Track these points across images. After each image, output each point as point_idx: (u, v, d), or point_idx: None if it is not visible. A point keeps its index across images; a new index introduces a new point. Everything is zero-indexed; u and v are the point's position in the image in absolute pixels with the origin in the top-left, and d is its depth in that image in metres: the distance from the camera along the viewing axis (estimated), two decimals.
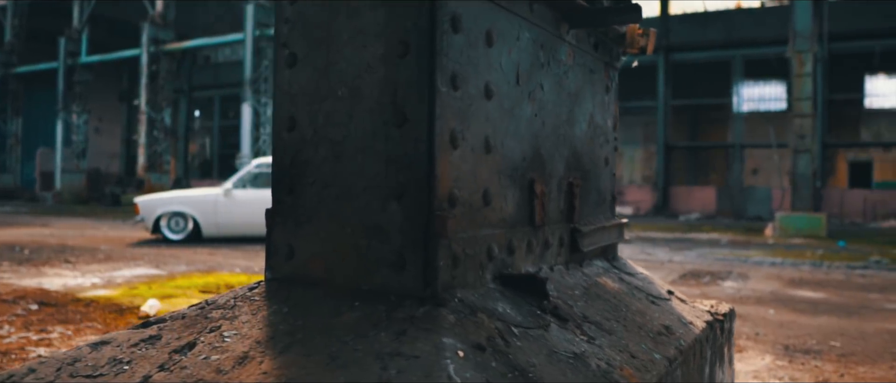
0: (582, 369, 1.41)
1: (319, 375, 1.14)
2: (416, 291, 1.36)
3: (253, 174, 10.50)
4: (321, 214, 1.47)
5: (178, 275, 6.73)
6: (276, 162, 1.54)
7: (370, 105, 1.40)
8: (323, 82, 1.47)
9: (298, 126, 1.51)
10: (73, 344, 3.80)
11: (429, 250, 1.36)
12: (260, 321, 1.38)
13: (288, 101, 1.53)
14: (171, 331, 1.42)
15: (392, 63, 1.39)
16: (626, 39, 2.18)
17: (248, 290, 1.54)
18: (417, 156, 1.36)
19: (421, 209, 1.37)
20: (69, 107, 26.66)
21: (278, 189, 1.53)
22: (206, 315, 1.45)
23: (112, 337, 1.43)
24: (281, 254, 1.54)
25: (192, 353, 1.28)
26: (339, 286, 1.45)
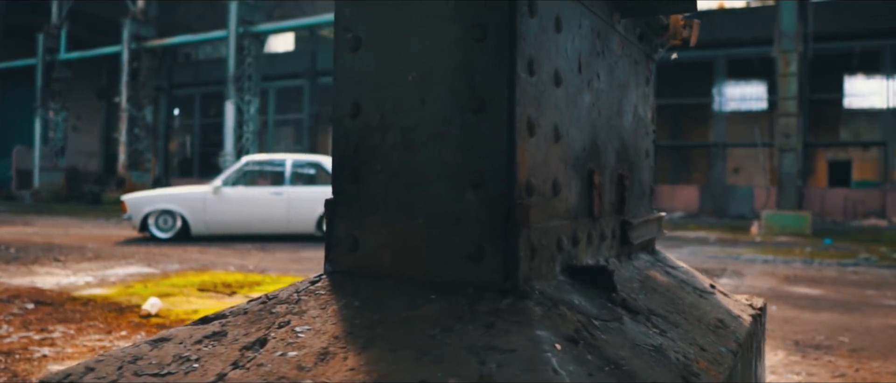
0: (664, 362, 1.37)
1: (412, 371, 1.09)
2: (495, 283, 1.31)
3: (242, 171, 10.37)
4: (389, 204, 1.41)
5: (172, 273, 6.62)
6: (337, 149, 1.48)
7: (444, 90, 1.35)
8: (391, 67, 1.42)
9: (363, 112, 1.45)
10: (77, 344, 3.70)
11: (509, 240, 1.31)
12: (331, 315, 1.32)
13: (351, 87, 1.47)
14: (235, 327, 1.35)
15: (469, 47, 1.33)
16: (669, 30, 2.15)
17: (309, 284, 1.48)
18: (497, 143, 1.31)
19: (501, 198, 1.31)
20: (47, 104, 26.22)
21: (340, 178, 1.47)
22: (270, 310, 1.39)
23: (171, 333, 1.36)
24: (343, 246, 1.48)
25: (266, 350, 1.22)
26: (409, 278, 1.39)
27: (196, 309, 4.76)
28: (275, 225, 10.17)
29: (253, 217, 10.12)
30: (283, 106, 29.55)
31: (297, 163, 10.53)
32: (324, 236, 5.34)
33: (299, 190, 10.25)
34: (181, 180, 25.96)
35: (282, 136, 32.61)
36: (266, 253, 8.63)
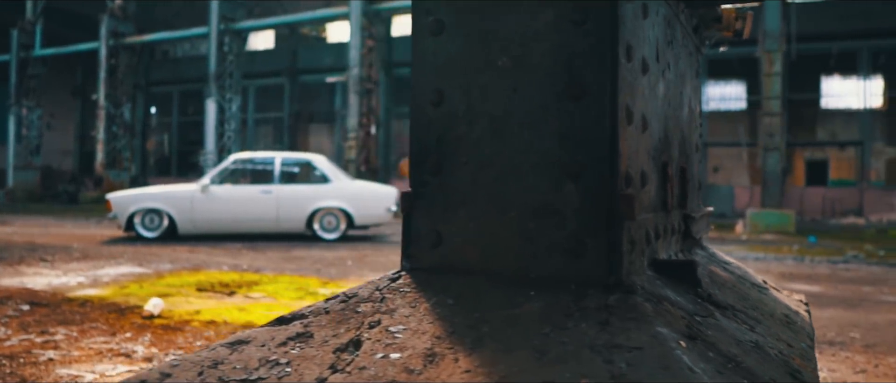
0: (767, 358, 1.31)
1: (535, 371, 1.02)
2: (597, 279, 1.24)
3: (230, 170, 10.21)
4: (477, 197, 1.34)
5: (166, 273, 6.48)
6: (417, 139, 1.40)
7: (539, 77, 1.28)
8: (478, 52, 1.35)
9: (447, 100, 1.38)
10: (82, 346, 3.58)
11: (612, 233, 1.24)
12: (424, 314, 1.25)
13: (433, 73, 1.40)
14: (320, 328, 1.27)
15: (566, 31, 1.27)
16: (723, 21, 2.10)
17: (389, 282, 1.40)
18: (599, 131, 1.25)
19: (602, 189, 1.25)
20: (21, 101, 25.70)
21: (420, 170, 1.40)
22: (353, 309, 1.31)
23: (248, 335, 1.28)
24: (425, 241, 1.40)
25: (364, 352, 1.14)
26: (499, 274, 1.32)
27: (198, 310, 4.64)
28: (264, 224, 10.03)
29: (242, 216, 9.96)
30: (263, 104, 29.26)
31: (287, 161, 10.40)
32: (313, 234, 5.29)
33: (289, 188, 10.12)
34: (159, 179, 25.58)
35: (261, 135, 32.28)
36: (257, 252, 8.50)
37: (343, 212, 10.05)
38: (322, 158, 10.74)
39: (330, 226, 10.07)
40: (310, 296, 5.32)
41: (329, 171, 10.31)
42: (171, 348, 3.53)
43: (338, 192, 10.07)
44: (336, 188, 10.10)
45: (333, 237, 10.05)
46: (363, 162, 17.66)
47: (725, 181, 26.90)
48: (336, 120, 26.65)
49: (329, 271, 6.83)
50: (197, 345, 3.61)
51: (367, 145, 17.94)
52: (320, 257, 8.03)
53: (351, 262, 7.57)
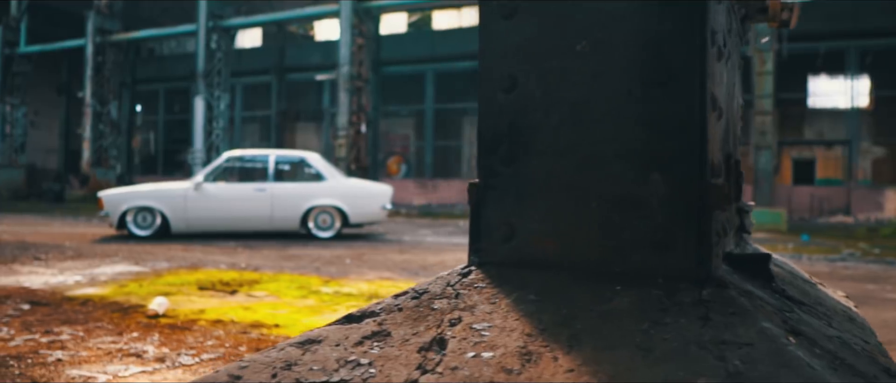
0: (857, 353, 1.26)
1: (644, 371, 0.96)
2: (686, 272, 1.19)
3: (223, 167, 10.09)
4: (554, 187, 1.28)
5: (164, 271, 6.37)
6: (487, 127, 1.34)
7: (622, 61, 1.22)
8: (554, 35, 1.29)
9: (520, 86, 1.31)
10: (90, 346, 3.49)
11: (702, 225, 1.19)
12: (508, 311, 1.18)
13: (503, 58, 1.33)
14: (396, 326, 1.21)
15: (651, 12, 1.21)
16: (769, 13, 2.06)
17: (460, 277, 1.34)
18: (688, 118, 1.19)
19: (690, 179, 1.19)
20: (6, 99, 25.34)
21: (490, 159, 1.33)
22: (429, 306, 1.25)
23: (318, 334, 1.21)
24: (496, 234, 1.34)
25: (451, 351, 1.08)
26: (579, 269, 1.26)
27: (203, 309, 4.55)
28: (258, 222, 9.92)
29: (236, 214, 9.85)
30: (250, 102, 29.05)
31: (281, 159, 10.29)
32: (308, 233, 5.20)
33: (283, 186, 10.02)
34: (145, 178, 25.32)
35: (248, 133, 32.04)
36: (253, 250, 8.40)
37: (338, 210, 9.96)
38: (317, 156, 10.65)
39: (325, 224, 9.98)
40: (313, 295, 5.24)
41: (324, 169, 10.22)
42: (181, 348, 3.45)
43: (333, 190, 9.98)
44: (331, 186, 10.01)
45: (328, 235, 9.96)
46: (353, 160, 17.55)
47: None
48: (324, 118, 26.50)
49: (328, 269, 6.75)
50: (208, 345, 3.53)
51: (358, 143, 17.84)
52: (317, 255, 7.94)
53: (349, 261, 7.49)
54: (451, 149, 26.76)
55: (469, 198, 1.35)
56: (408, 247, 8.98)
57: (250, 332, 3.86)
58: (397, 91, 25.64)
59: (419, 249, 8.79)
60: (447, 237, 10.75)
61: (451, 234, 11.31)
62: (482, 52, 1.35)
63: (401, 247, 9.08)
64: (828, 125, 26.99)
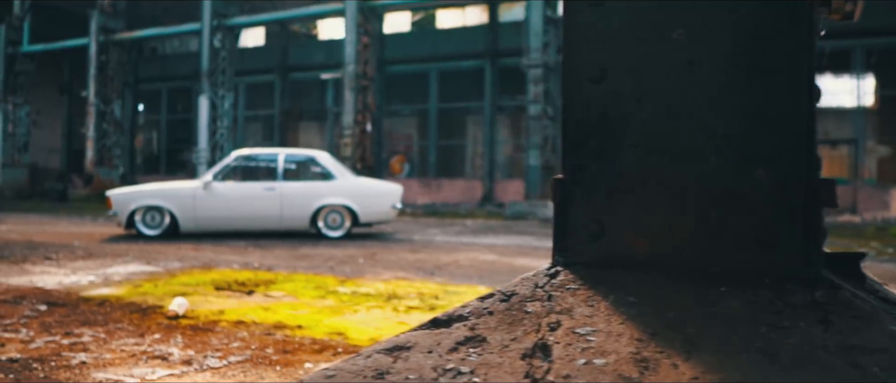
0: None
1: (775, 378, 0.90)
2: (793, 271, 1.12)
3: (232, 166, 10.03)
4: (647, 183, 1.22)
5: (177, 271, 6.31)
6: (573, 120, 1.28)
7: (723, 50, 1.16)
8: (648, 23, 1.22)
9: (610, 76, 1.25)
10: (112, 348, 3.43)
11: (810, 222, 1.12)
12: (609, 314, 1.12)
13: (591, 46, 1.27)
14: (490, 330, 1.15)
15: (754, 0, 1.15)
16: (831, 5, 1.99)
17: (548, 278, 1.27)
18: (795, 111, 1.13)
19: (797, 174, 1.13)
20: (8, 98, 25.28)
21: (577, 154, 1.27)
22: (522, 309, 1.19)
23: (406, 341, 1.14)
24: (583, 232, 1.28)
25: (558, 357, 1.02)
26: (674, 269, 1.20)
27: (222, 310, 4.49)
28: (268, 221, 9.86)
29: (245, 213, 9.79)
30: (253, 102, 28.97)
31: (290, 158, 10.23)
32: (318, 232, 5.12)
33: (293, 185, 9.96)
34: (147, 177, 25.25)
35: (251, 133, 31.96)
36: (264, 250, 8.34)
37: (348, 209, 9.90)
38: (326, 155, 10.58)
39: (334, 223, 9.92)
40: (331, 295, 5.17)
41: (333, 168, 10.16)
42: (207, 350, 3.39)
43: (342, 189, 9.92)
44: (340, 185, 9.95)
45: (338, 235, 9.90)
46: (358, 159, 17.48)
47: None
48: (327, 117, 26.43)
49: (343, 269, 6.69)
50: (234, 347, 3.47)
51: (363, 143, 17.77)
52: (330, 255, 7.88)
53: (362, 260, 7.43)
54: (455, 148, 26.68)
55: (552, 194, 1.29)
56: (419, 247, 8.92)
57: (274, 334, 3.79)
58: (401, 90, 25.57)
59: (431, 249, 8.73)
60: (456, 236, 10.69)
61: (459, 234, 11.25)
62: (567, 40, 1.28)
63: (412, 246, 9.02)
64: (833, 124, 26.93)
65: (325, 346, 3.50)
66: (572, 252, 1.28)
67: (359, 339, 3.69)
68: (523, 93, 21.04)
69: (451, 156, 26.53)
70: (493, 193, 23.04)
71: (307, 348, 3.46)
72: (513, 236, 10.83)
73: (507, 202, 18.93)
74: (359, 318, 4.31)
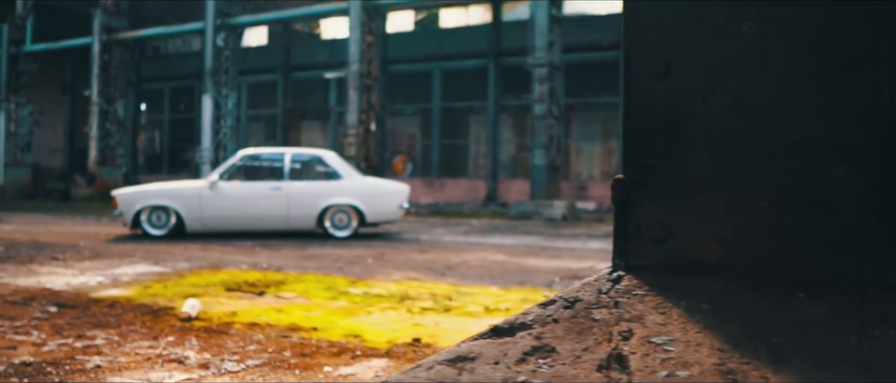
0: None
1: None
2: (875, 276, 1.06)
3: (238, 166, 9.97)
4: (717, 184, 1.16)
5: (186, 272, 6.26)
6: (636, 117, 1.22)
7: (799, 45, 1.10)
8: (716, 15, 1.16)
9: (676, 71, 1.19)
10: (127, 352, 3.37)
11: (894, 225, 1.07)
12: (683, 322, 1.06)
13: (655, 40, 1.21)
14: (558, 339, 1.09)
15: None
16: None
17: (611, 283, 1.22)
18: (876, 106, 1.07)
19: (881, 174, 1.07)
20: (10, 98, 25.23)
21: (640, 153, 1.21)
22: (589, 317, 1.13)
23: (468, 351, 1.08)
24: (647, 235, 1.22)
25: (639, 369, 0.96)
26: (745, 273, 1.14)
27: (235, 312, 4.43)
28: (274, 221, 9.81)
29: (252, 213, 9.74)
30: (255, 101, 28.93)
31: (297, 157, 10.18)
32: (324, 232, 5.05)
33: (300, 184, 9.91)
34: (150, 177, 25.20)
35: (254, 132, 31.93)
36: (272, 250, 8.28)
37: (355, 209, 9.84)
38: (333, 154, 10.53)
39: (341, 223, 9.87)
40: (343, 296, 5.12)
41: (340, 168, 10.11)
42: (223, 353, 3.33)
43: (349, 189, 9.87)
44: (347, 185, 9.90)
45: (345, 235, 9.84)
46: (363, 159, 17.43)
47: None
48: (330, 117, 26.39)
49: (352, 269, 6.64)
50: (251, 350, 3.41)
51: (367, 142, 17.72)
52: (338, 255, 7.83)
53: (371, 260, 7.37)
54: (458, 148, 26.63)
55: (613, 195, 1.23)
56: (427, 247, 8.86)
57: (290, 336, 3.74)
58: (404, 89, 25.52)
59: (439, 249, 8.67)
60: (463, 236, 10.64)
61: (466, 233, 11.19)
62: (628, 34, 1.22)
63: (420, 246, 8.96)
64: None
65: (343, 349, 3.44)
66: (634, 255, 1.22)
67: (376, 342, 3.63)
68: (527, 92, 20.99)
69: (454, 155, 26.49)
70: (496, 193, 23.00)
71: (325, 351, 3.40)
72: (520, 236, 10.78)
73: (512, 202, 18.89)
74: (373, 320, 4.26)
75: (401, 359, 3.25)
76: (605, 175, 30.03)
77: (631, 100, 1.21)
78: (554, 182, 16.40)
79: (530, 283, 5.91)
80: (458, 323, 4.18)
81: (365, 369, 3.07)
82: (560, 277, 6.28)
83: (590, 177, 30.93)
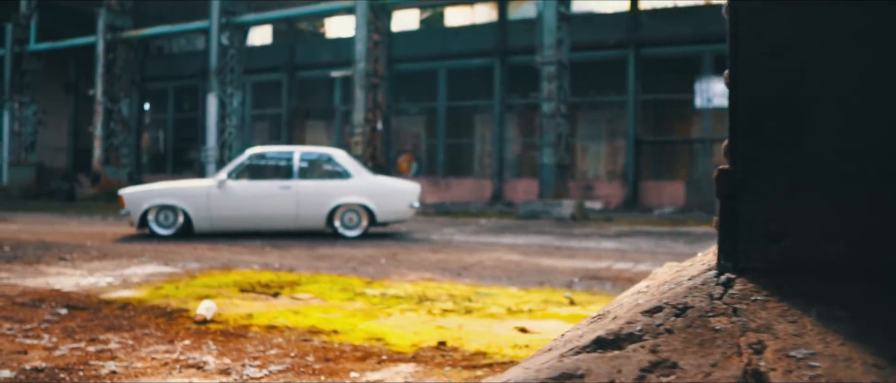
0: None
1: None
2: None
3: (246, 164, 9.84)
4: (841, 175, 1.02)
5: (197, 272, 6.13)
6: (745, 101, 1.08)
7: None
8: None
9: (794, 48, 1.05)
10: (142, 356, 3.24)
11: None
12: (820, 333, 0.92)
13: (769, 15, 1.07)
14: (678, 353, 0.95)
15: None
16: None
17: (722, 288, 1.08)
18: None
19: None
20: (15, 97, 25.13)
21: (751, 141, 1.07)
22: (705, 325, 0.99)
23: (575, 367, 0.94)
24: (757, 233, 1.08)
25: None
26: (878, 276, 1.01)
27: (251, 314, 4.30)
28: (283, 220, 9.68)
29: (261, 212, 9.61)
30: (260, 100, 28.83)
31: (306, 156, 10.05)
32: (334, 232, 4.84)
33: (309, 183, 9.78)
34: (154, 176, 25.11)
35: (258, 131, 31.83)
36: (282, 250, 8.15)
37: (365, 208, 9.71)
38: (342, 153, 10.41)
39: (351, 222, 9.74)
40: (360, 298, 4.99)
41: (350, 166, 9.98)
42: (244, 358, 3.20)
43: (359, 188, 9.73)
44: (357, 184, 9.77)
45: (355, 234, 9.71)
46: (369, 158, 17.30)
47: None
48: (335, 116, 26.28)
49: (366, 270, 6.51)
50: (272, 354, 3.28)
51: (374, 141, 17.59)
52: (350, 255, 7.70)
53: (384, 261, 7.24)
54: (464, 147, 26.51)
55: (717, 188, 1.09)
56: (439, 247, 8.73)
57: (312, 339, 3.60)
58: (409, 88, 25.39)
59: (451, 249, 8.54)
60: (474, 236, 10.50)
61: (476, 233, 11.06)
62: (735, 9, 1.08)
63: (432, 246, 8.83)
64: None
65: (368, 353, 3.31)
66: (744, 256, 1.08)
67: (400, 345, 3.50)
68: (533, 91, 20.87)
69: (459, 154, 26.35)
70: (502, 192, 22.86)
71: (349, 355, 3.27)
72: (531, 236, 10.64)
73: (519, 201, 18.74)
74: (394, 322, 4.12)
75: (429, 364, 3.11)
76: (611, 174, 29.87)
77: (739, 81, 1.07)
78: (562, 181, 16.26)
79: (549, 284, 5.78)
80: (481, 326, 4.05)
81: (393, 374, 2.94)
82: (579, 277, 6.14)
83: (596, 176, 30.77)
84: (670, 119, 30.00)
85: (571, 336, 1.15)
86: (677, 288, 1.08)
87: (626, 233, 11.37)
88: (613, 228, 12.63)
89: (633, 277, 6.24)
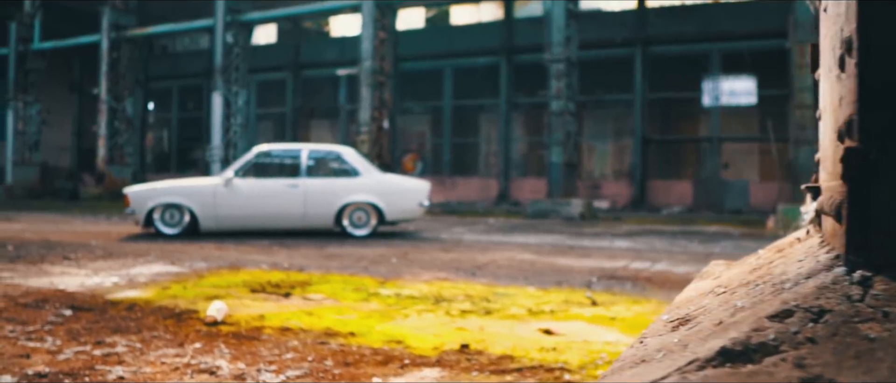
0: None
1: None
2: None
3: (253, 162, 9.69)
4: None
5: (205, 272, 5.97)
6: (876, 65, 0.91)
7: None
8: None
9: None
10: (151, 360, 3.08)
11: None
12: None
13: None
14: (831, 368, 0.78)
15: None
16: None
17: (859, 288, 0.91)
18: None
19: None
20: (19, 96, 25.03)
21: (883, 114, 0.91)
22: (855, 334, 0.82)
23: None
24: (887, 224, 0.92)
25: None
26: None
27: (262, 315, 4.14)
28: (291, 219, 9.52)
29: (268, 211, 9.45)
30: (265, 99, 28.69)
31: (314, 154, 9.88)
32: (342, 230, 4.55)
33: (317, 181, 9.61)
34: (158, 175, 24.97)
35: (263, 130, 31.69)
36: (290, 249, 7.99)
37: (374, 206, 9.55)
38: (351, 151, 10.24)
39: (360, 221, 9.58)
40: (374, 298, 4.82)
41: (358, 164, 9.81)
42: (258, 362, 3.03)
43: (368, 187, 9.57)
44: (366, 182, 9.61)
45: (364, 233, 9.55)
46: (375, 157, 17.13)
47: (735, 176, 26.52)
48: (340, 115, 26.12)
49: (377, 269, 6.34)
50: (288, 358, 3.11)
51: (380, 140, 17.43)
52: (360, 255, 7.53)
53: (395, 260, 7.08)
54: (469, 146, 26.34)
55: (842, 170, 0.92)
56: (450, 246, 8.56)
57: (328, 342, 3.44)
58: (414, 87, 25.22)
59: (462, 248, 8.37)
60: (484, 235, 10.33)
61: (486, 232, 10.89)
62: None
63: (442, 245, 8.66)
64: None
65: (389, 357, 3.14)
66: (879, 250, 0.91)
67: (422, 349, 3.33)
68: (539, 89, 20.68)
69: (465, 153, 26.19)
70: (508, 191, 22.68)
71: (369, 359, 3.10)
72: (542, 235, 10.47)
73: (525, 200, 18.58)
74: (412, 324, 3.96)
75: (454, 368, 2.95)
76: (618, 173, 29.67)
77: (870, 34, 0.90)
78: (571, 180, 16.08)
79: (568, 284, 5.61)
80: (503, 327, 3.88)
81: (417, 380, 2.77)
82: (597, 277, 5.97)
83: (602, 175, 30.55)
84: (678, 118, 29.77)
85: (666, 344, 0.98)
86: (799, 289, 0.91)
87: (638, 233, 11.19)
88: (624, 227, 12.45)
89: (651, 277, 6.07)
